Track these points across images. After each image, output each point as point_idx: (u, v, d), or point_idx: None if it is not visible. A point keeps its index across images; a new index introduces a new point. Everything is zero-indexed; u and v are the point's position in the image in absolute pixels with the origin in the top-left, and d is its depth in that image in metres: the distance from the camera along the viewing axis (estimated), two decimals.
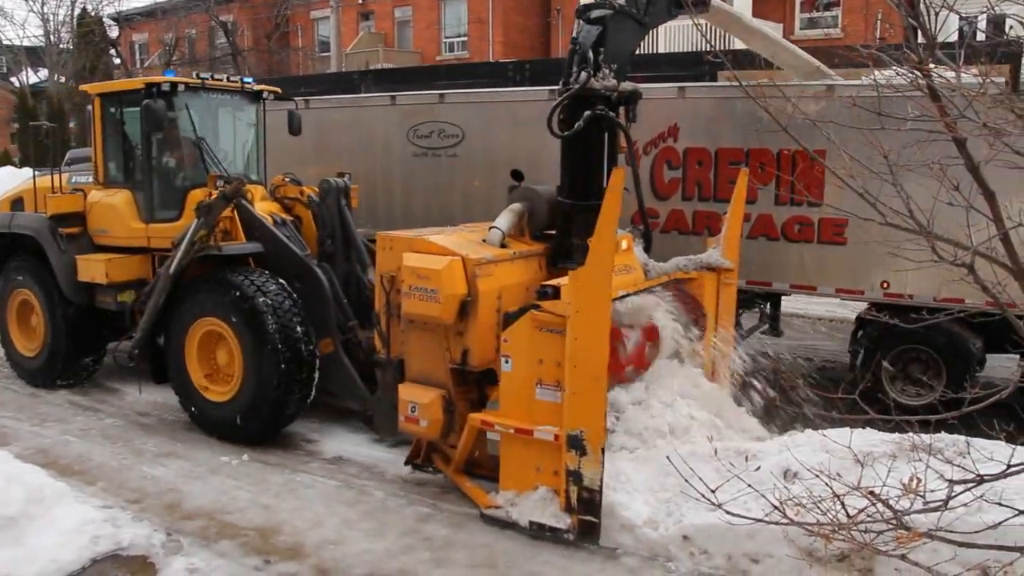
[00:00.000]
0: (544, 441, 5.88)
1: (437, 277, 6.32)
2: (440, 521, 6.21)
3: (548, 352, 5.83)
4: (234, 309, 7.49)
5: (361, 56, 30.43)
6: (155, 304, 7.93)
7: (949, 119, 3.32)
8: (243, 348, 7.49)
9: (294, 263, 8.00)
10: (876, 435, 5.71)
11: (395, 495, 6.69)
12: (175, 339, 7.96)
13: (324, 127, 11.03)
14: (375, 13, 34.54)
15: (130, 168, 8.94)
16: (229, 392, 7.69)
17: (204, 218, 7.73)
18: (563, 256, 7.32)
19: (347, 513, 6.33)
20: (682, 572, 5.40)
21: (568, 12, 28.30)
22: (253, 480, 6.97)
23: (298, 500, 6.57)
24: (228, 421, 7.68)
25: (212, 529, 6.09)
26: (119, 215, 8.75)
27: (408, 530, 6.06)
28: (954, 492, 3.48)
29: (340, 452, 7.66)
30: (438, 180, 10.51)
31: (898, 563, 3.77)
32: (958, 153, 3.55)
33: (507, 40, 29.94)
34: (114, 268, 8.53)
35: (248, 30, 35.62)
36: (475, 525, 6.11)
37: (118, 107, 8.93)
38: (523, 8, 30.60)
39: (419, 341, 6.73)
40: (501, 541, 5.86)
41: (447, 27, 32.55)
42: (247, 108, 9.39)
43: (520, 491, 6.09)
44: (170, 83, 8.36)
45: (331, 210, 8.38)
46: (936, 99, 3.33)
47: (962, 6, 3.57)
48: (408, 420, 6.70)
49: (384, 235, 6.93)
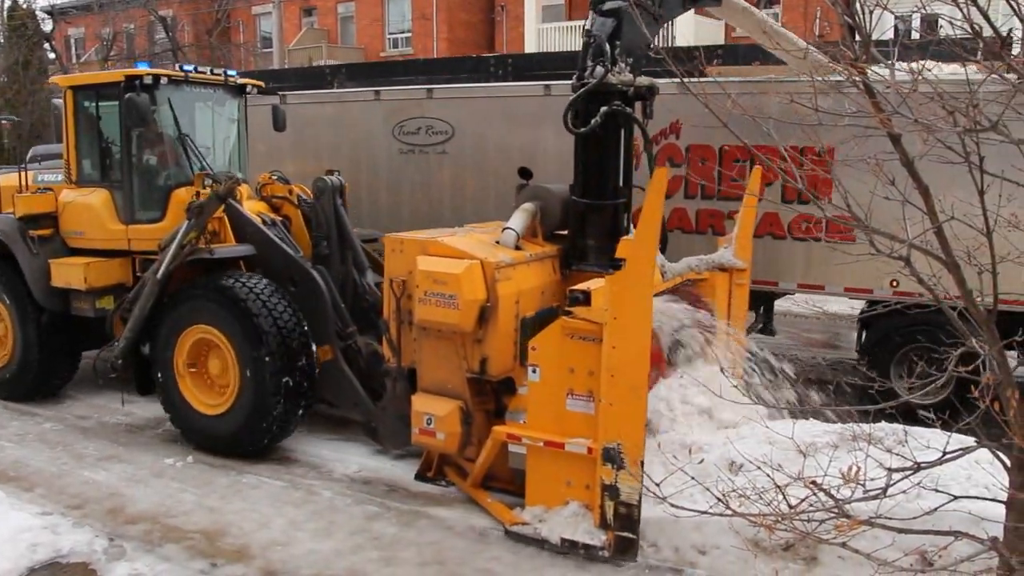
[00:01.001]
0: (576, 454, 5.61)
1: (456, 282, 5.99)
2: (388, 520, 6.13)
3: (580, 361, 5.56)
4: (229, 316, 7.05)
5: (304, 52, 29.83)
6: (141, 311, 7.44)
7: (883, 115, 3.34)
8: (239, 357, 7.06)
9: (289, 266, 7.58)
10: (819, 426, 5.89)
11: (343, 494, 6.58)
12: (163, 348, 7.48)
13: (302, 123, 10.55)
14: (318, 9, 34.04)
15: (107, 166, 8.39)
16: (223, 404, 7.25)
17: (195, 219, 7.26)
18: (578, 257, 7.06)
19: (294, 514, 6.23)
20: (631, 565, 5.42)
21: (512, 9, 28.00)
22: (198, 482, 6.82)
23: (244, 502, 6.44)
24: (222, 435, 7.24)
25: (156, 533, 5.94)
26: (96, 216, 8.20)
27: (356, 529, 5.98)
28: (893, 480, 3.57)
29: (286, 452, 7.49)
30: (426, 178, 10.14)
31: (840, 550, 3.85)
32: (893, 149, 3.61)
33: (451, 36, 29.79)
34: (93, 273, 7.99)
35: (188, 25, 34.72)
36: (424, 523, 6.08)
37: (93, 101, 8.36)
38: (467, 4, 30.46)
39: (433, 349, 6.39)
40: (450, 539, 5.86)
41: (391, 23, 32.27)
42: (229, 103, 8.90)
43: (549, 506, 5.82)
44: (152, 75, 7.84)
45: (326, 210, 7.95)
46: (871, 95, 3.37)
47: (895, 5, 3.63)
48: (423, 433, 6.36)
49: (393, 237, 6.58)
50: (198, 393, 7.43)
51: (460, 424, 6.25)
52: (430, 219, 9.98)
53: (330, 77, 13.04)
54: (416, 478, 6.87)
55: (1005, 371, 3.37)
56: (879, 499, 3.59)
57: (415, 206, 10.04)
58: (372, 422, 7.25)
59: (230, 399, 7.18)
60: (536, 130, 9.33)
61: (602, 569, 5.41)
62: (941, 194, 3.70)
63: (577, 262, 7.03)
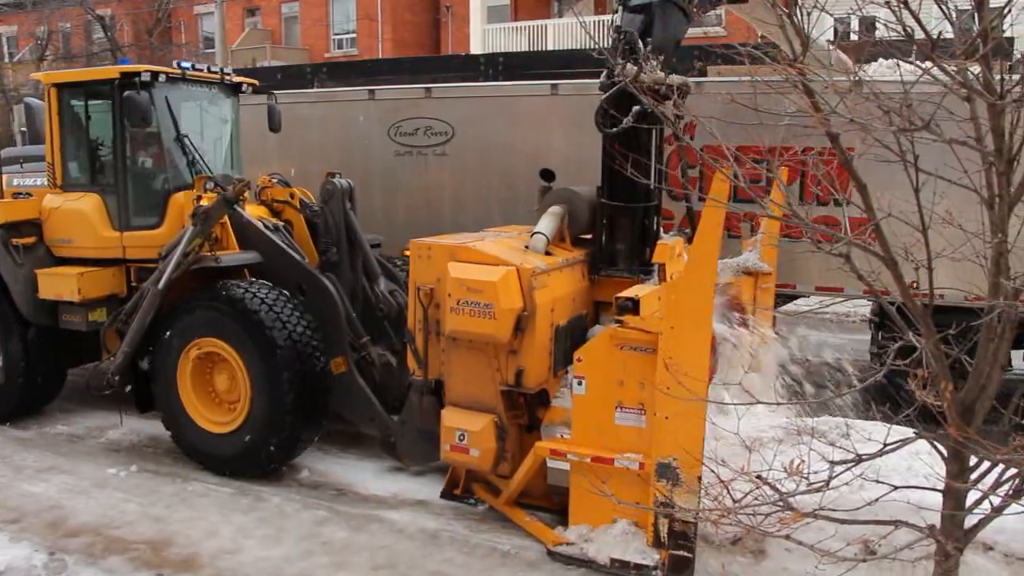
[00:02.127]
0: (626, 470, 5.33)
1: (492, 290, 5.67)
2: (338, 524, 6.08)
3: (630, 372, 5.29)
4: (238, 328, 6.64)
5: (247, 53, 29.23)
6: (140, 323, 6.97)
7: (821, 115, 3.37)
8: (250, 372, 6.64)
9: (298, 274, 7.18)
10: (764, 420, 5.99)
11: (291, 500, 6.50)
12: (164, 363, 7.02)
13: (290, 124, 10.06)
14: (261, 9, 33.48)
15: (97, 169, 7.91)
16: (233, 422, 6.82)
17: (201, 225, 6.82)
18: (607, 262, 6.79)
19: (242, 521, 6.13)
20: (582, 563, 5.46)
21: (458, 10, 27.84)
22: (143, 491, 6.66)
23: (191, 510, 6.33)
24: (232, 454, 6.81)
25: (99, 546, 5.78)
26: (87, 223, 7.71)
27: (306, 535, 5.93)
28: (835, 472, 3.66)
29: None
30: (425, 181, 9.77)
31: (786, 543, 3.95)
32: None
33: (396, 37, 29.53)
34: (87, 283, 7.50)
35: (127, 25, 33.91)
36: (375, 527, 6.02)
37: (81, 99, 7.88)
38: (412, 5, 30.19)
39: (464, 361, 6.05)
40: (401, 542, 5.83)
41: (336, 24, 31.82)
42: (223, 102, 8.47)
43: (595, 525, 5.53)
44: (150, 72, 7.39)
45: (335, 214, 7.57)
46: (810, 95, 3.40)
47: (834, 7, 3.71)
48: (455, 449, 6.02)
49: (420, 243, 6.23)
50: (204, 410, 7.00)
51: (495, 439, 5.92)
52: (428, 223, 9.61)
53: (310, 76, 12.60)
54: (442, 497, 6.54)
55: (941, 364, 3.41)
56: (822, 491, 3.68)
57: (412, 210, 9.67)
58: (391, 437, 6.88)
59: (240, 416, 6.77)
60: (542, 130, 9.06)
61: (554, 568, 5.47)
62: (879, 191, 3.74)
63: (606, 267, 6.76)
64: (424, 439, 6.55)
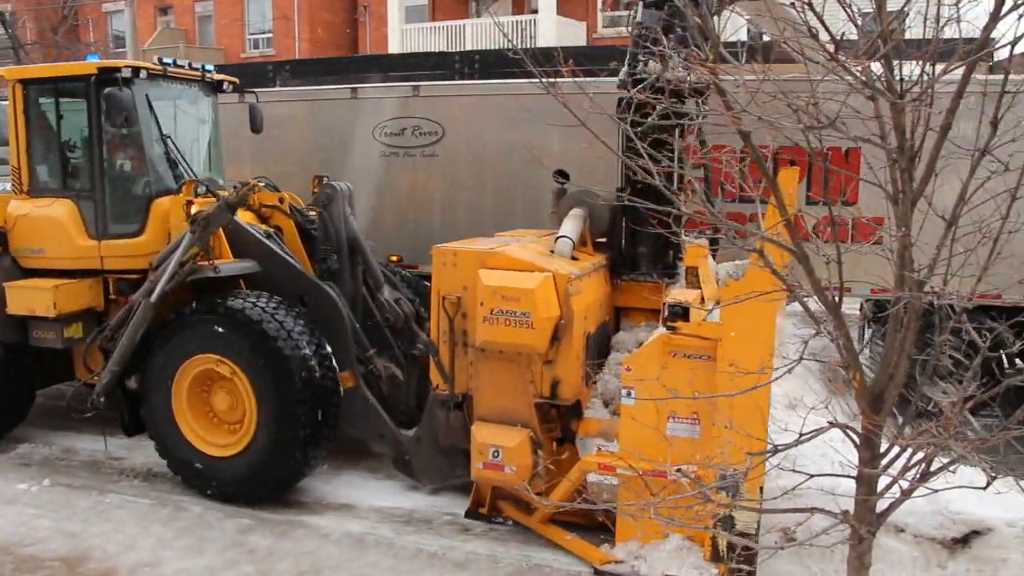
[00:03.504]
0: (680, 483, 5.09)
1: (530, 298, 5.39)
2: (263, 532, 6.00)
3: (684, 380, 5.06)
4: (242, 342, 6.18)
5: (160, 53, 28.19)
6: (130, 339, 6.42)
7: (733, 113, 3.41)
8: (257, 390, 6.19)
9: (300, 284, 6.75)
10: None
11: (214, 508, 6.35)
12: (158, 382, 6.49)
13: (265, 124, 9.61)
14: (174, 8, 32.38)
15: (70, 173, 7.31)
16: (237, 443, 6.35)
17: (201, 232, 6.32)
18: (628, 267, 6.58)
19: (162, 532, 6.00)
20: (511, 559, 5.62)
21: (376, 9, 27.54)
22: (57, 506, 6.42)
23: (108, 523, 6.14)
24: (236, 478, 6.34)
25: (8, 565, 5.59)
26: (60, 231, 7.10)
27: (230, 543, 5.84)
28: (752, 463, 3.79)
29: (151, 466, 7.09)
30: (413, 183, 9.39)
31: None
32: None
33: (313, 37, 28.98)
34: (63, 296, 6.89)
35: (31, 22, 32.24)
36: (300, 532, 5.98)
37: (52, 97, 7.26)
38: (329, 5, 29.64)
39: (495, 373, 5.76)
40: (326, 547, 5.79)
41: (251, 23, 31.01)
42: (203, 101, 7.95)
43: (644, 541, 5.30)
44: (131, 68, 6.84)
45: (336, 220, 7.14)
46: (722, 94, 3.44)
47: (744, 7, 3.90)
48: (489, 467, 5.71)
49: (444, 249, 5.90)
50: (203, 432, 6.50)
51: (531, 455, 5.64)
52: (418, 228, 9.26)
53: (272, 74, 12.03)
54: (467, 516, 6.21)
55: (852, 355, 3.47)
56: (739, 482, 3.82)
57: (400, 213, 9.27)
58: (406, 455, 6.52)
59: (245, 437, 6.30)
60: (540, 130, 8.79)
61: (480, 567, 5.52)
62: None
63: (628, 272, 6.55)
64: (442, 456, 6.24)
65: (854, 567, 3.72)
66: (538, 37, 23.04)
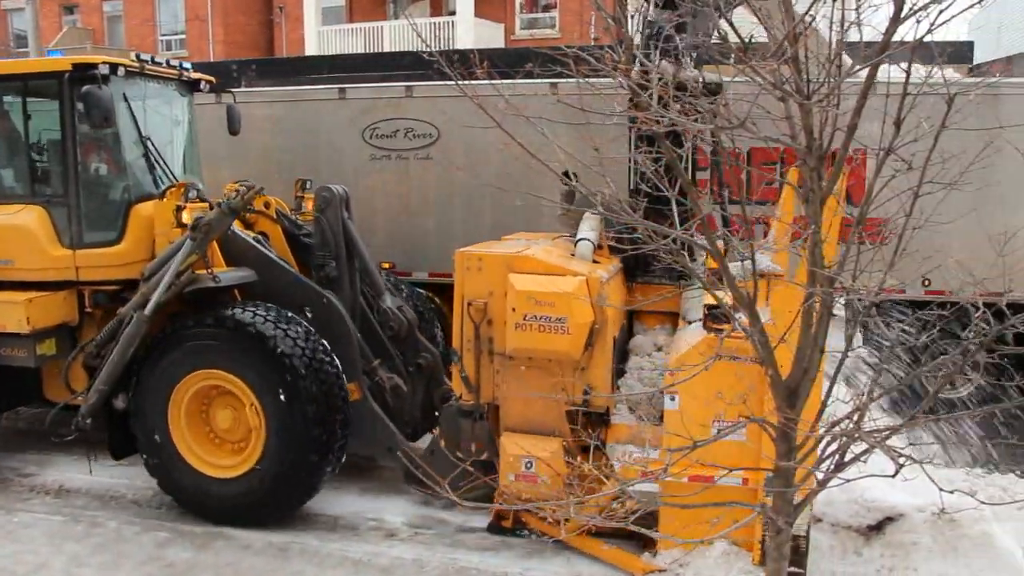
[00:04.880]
0: (728, 488, 5.03)
1: (566, 302, 5.25)
2: (182, 544, 5.85)
3: (729, 384, 5.00)
4: (249, 357, 5.81)
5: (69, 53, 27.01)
6: (121, 356, 5.96)
7: (645, 114, 3.46)
8: (266, 405, 5.83)
9: (302, 293, 6.41)
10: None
11: (130, 523, 6.19)
12: (151, 400, 6.04)
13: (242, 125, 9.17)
14: (80, 7, 31.09)
15: (40, 177, 6.75)
16: (242, 464, 5.97)
17: (202, 238, 5.91)
18: (643, 270, 6.50)
19: (76, 549, 5.79)
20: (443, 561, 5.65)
21: (292, 11, 27.17)
22: None
23: (17, 543, 5.90)
24: (241, 500, 5.96)
25: None
26: (30, 240, 6.54)
27: (147, 558, 5.67)
28: (673, 460, 3.89)
29: (64, 482, 6.90)
30: (406, 188, 9.00)
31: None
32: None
33: (228, 39, 28.33)
34: (37, 311, 6.34)
35: None
36: (220, 544, 5.83)
37: (18, 95, 6.69)
38: (244, 6, 28.95)
39: (524, 381, 5.58)
40: (248, 557, 5.67)
41: (163, 24, 30.05)
42: (179, 100, 7.50)
43: (688, 548, 5.20)
44: (108, 65, 6.36)
45: (334, 225, 6.81)
46: (637, 95, 3.50)
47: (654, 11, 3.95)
48: (521, 478, 5.52)
49: (468, 253, 5.68)
50: (202, 452, 6.08)
51: (565, 465, 5.48)
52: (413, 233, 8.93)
53: (236, 74, 11.54)
54: (489, 530, 6.00)
55: (766, 350, 3.55)
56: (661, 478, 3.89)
57: (392, 218, 8.93)
58: (417, 468, 6.24)
59: (251, 457, 5.93)
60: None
61: (406, 572, 5.51)
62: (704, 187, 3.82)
63: (643, 274, 6.47)
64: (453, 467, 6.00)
65: (773, 557, 3.81)
66: (456, 39, 23.02)
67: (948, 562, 5.34)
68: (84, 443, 6.45)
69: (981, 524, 5.51)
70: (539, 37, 23.62)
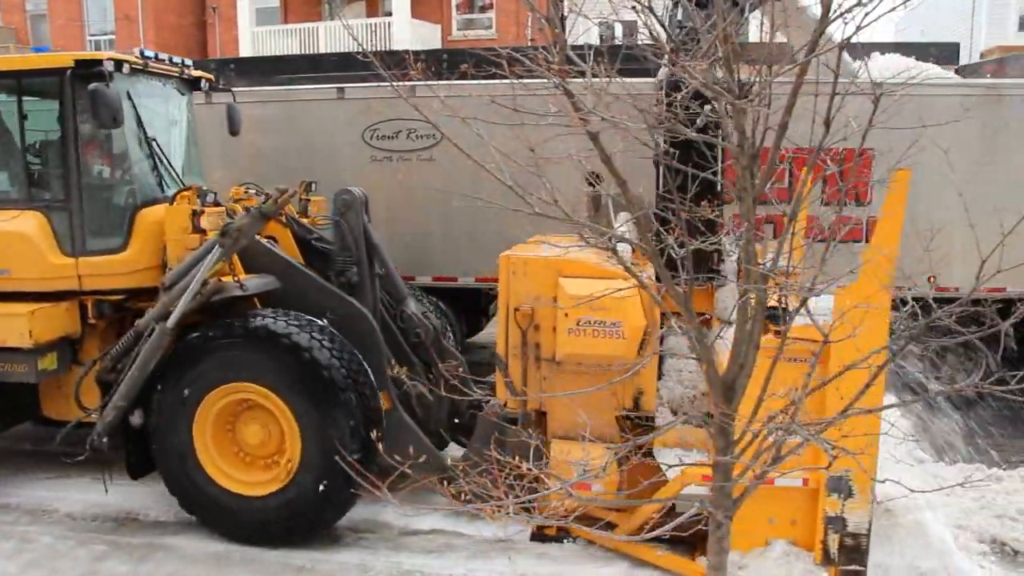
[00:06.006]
0: (787, 489, 5.07)
1: (621, 307, 5.19)
2: (119, 557, 5.72)
3: (788, 385, 5.01)
4: (286, 369, 5.55)
5: None
6: (143, 370, 5.62)
7: (581, 114, 3.55)
8: (300, 420, 5.59)
9: (327, 300, 6.16)
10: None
11: (64, 537, 6.03)
12: (173, 416, 5.73)
13: None
14: (0, 4, 29.74)
15: (37, 181, 6.33)
16: (277, 479, 5.70)
17: (231, 245, 5.61)
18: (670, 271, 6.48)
19: (6, 567, 5.68)
20: (387, 563, 5.67)
21: (225, 12, 26.64)
22: None
23: None
24: (276, 517, 5.70)
25: None
26: (29, 248, 6.12)
27: (84, 573, 5.56)
28: (614, 458, 3.98)
29: None
30: (407, 190, 8.76)
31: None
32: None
33: (159, 40, 27.32)
34: (40, 323, 5.95)
35: None
36: (160, 555, 5.74)
37: (12, 94, 6.25)
38: (176, 6, 28.17)
39: (575, 387, 5.48)
40: (189, 568, 5.60)
41: (91, 23, 29.00)
42: (180, 99, 7.16)
43: (745, 550, 5.21)
44: (113, 61, 6.00)
45: (355, 229, 6.59)
46: (569, 96, 3.59)
47: (592, 11, 3.95)
48: (574, 486, 5.40)
49: (513, 257, 5.57)
50: (230, 469, 5.80)
51: (618, 471, 5.43)
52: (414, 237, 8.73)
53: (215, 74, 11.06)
54: (533, 539, 5.89)
55: (704, 347, 3.61)
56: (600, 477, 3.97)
57: (392, 222, 8.68)
58: (454, 480, 6.09)
59: (287, 473, 5.67)
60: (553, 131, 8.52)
61: (352, 574, 5.49)
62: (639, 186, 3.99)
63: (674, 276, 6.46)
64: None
65: (714, 551, 3.85)
66: (392, 40, 22.87)
67: (884, 550, 5.46)
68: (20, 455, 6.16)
69: (914, 512, 5.78)
70: (476, 38, 23.59)
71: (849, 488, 4.92)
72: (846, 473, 4.91)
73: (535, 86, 3.67)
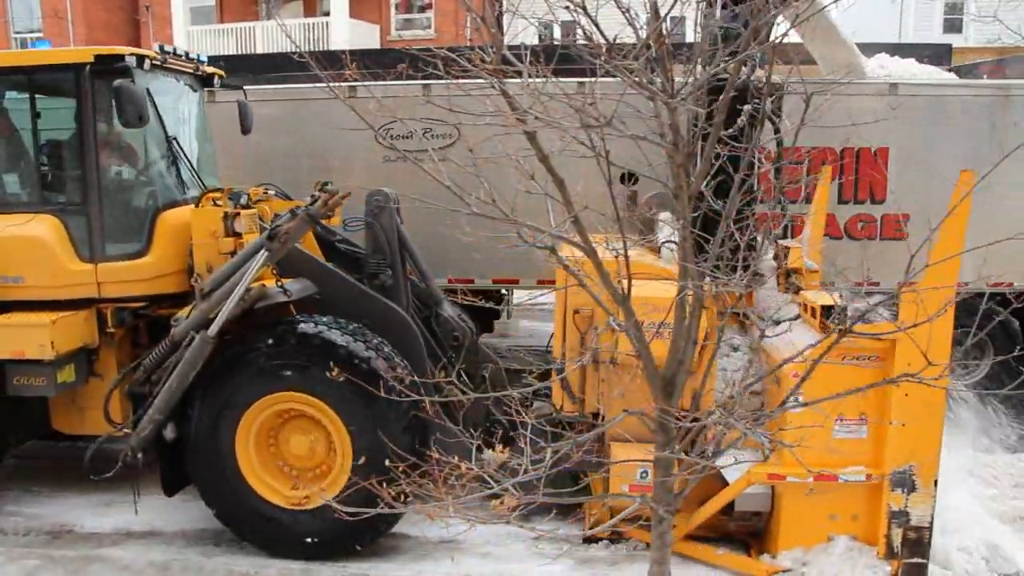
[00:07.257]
0: (849, 485, 5.15)
1: None
2: (53, 571, 5.58)
3: (851, 384, 5.09)
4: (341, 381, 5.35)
5: None
6: (182, 381, 5.34)
7: (518, 114, 3.63)
8: (352, 432, 5.41)
9: (366, 306, 5.97)
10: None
11: None
12: (213, 428, 5.47)
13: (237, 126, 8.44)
14: None
15: (51, 183, 5.96)
16: (323, 492, 5.49)
17: (278, 249, 5.37)
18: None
19: None
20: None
21: (159, 10, 26.02)
22: None
23: None
24: (325, 529, 5.50)
25: None
26: (44, 254, 5.76)
27: None
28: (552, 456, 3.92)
29: None
30: (422, 192, 8.48)
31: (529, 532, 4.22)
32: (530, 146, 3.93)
33: (90, 38, 26.38)
34: (61, 334, 5.60)
35: None
36: (96, 567, 5.59)
37: (24, 91, 5.87)
38: (107, 4, 27.25)
39: (632, 390, 5.45)
40: None
41: (17, 20, 27.81)
42: (193, 95, 6.85)
43: (808, 547, 5.28)
44: (135, 57, 5.70)
45: (388, 231, 6.41)
46: (506, 96, 3.66)
47: (529, 10, 4.01)
48: (635, 488, 5.40)
49: (572, 259, 5.46)
50: (274, 482, 5.58)
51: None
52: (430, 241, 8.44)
53: None
54: (586, 541, 5.85)
55: (643, 346, 3.70)
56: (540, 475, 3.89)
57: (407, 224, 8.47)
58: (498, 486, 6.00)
59: (336, 484, 5.48)
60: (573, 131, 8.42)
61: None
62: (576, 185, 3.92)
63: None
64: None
65: (656, 545, 3.90)
66: (330, 40, 22.60)
67: None
68: None
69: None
70: (413, 38, 23.41)
71: (913, 483, 5.03)
72: (911, 468, 5.02)
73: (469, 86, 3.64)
